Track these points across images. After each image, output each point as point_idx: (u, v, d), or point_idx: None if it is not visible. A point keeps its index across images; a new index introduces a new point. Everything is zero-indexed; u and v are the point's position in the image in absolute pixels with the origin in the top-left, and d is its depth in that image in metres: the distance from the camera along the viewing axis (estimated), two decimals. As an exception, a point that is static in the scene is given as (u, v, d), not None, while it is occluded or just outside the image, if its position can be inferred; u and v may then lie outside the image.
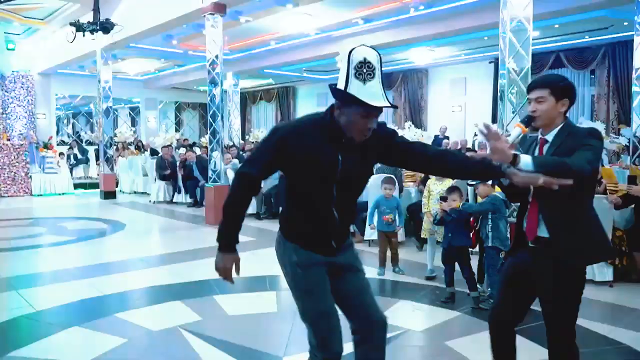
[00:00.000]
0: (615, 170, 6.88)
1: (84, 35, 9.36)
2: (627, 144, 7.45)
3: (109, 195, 12.36)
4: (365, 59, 1.87)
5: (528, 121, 2.26)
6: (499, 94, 5.51)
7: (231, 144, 14.28)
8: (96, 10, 9.35)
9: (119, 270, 5.64)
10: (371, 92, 1.87)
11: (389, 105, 1.91)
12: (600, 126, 6.88)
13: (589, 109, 12.27)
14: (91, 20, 9.23)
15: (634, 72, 7.07)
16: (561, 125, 2.27)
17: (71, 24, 9.34)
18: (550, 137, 2.28)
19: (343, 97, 1.91)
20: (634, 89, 7.09)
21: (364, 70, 1.87)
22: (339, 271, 2.15)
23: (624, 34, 10.25)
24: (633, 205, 4.93)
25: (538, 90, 2.27)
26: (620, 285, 4.82)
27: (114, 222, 8.85)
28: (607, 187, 5.46)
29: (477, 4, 8.95)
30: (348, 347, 2.17)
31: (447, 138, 12.99)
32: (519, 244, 2.39)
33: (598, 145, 2.17)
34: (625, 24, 9.42)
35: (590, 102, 12.32)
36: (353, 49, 1.90)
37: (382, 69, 1.93)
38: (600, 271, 4.78)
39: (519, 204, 2.41)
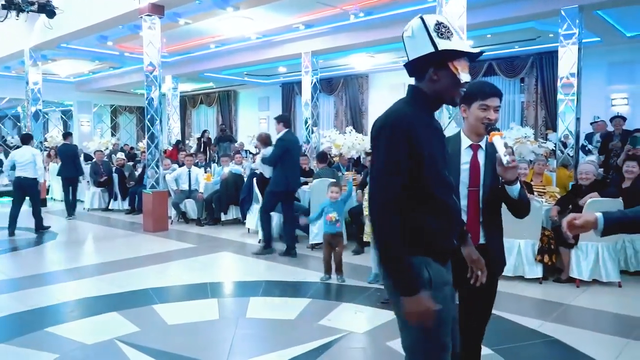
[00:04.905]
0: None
1: (17, 16, 8.51)
2: (554, 148, 7.88)
3: (39, 203, 11.68)
4: (437, 21, 1.82)
5: (491, 130, 2.18)
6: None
7: (170, 148, 13.93)
8: None
9: (49, 282, 5.36)
10: (462, 44, 1.82)
11: (479, 51, 1.85)
12: (529, 131, 7.23)
13: (519, 115, 12.90)
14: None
15: (559, 81, 7.53)
16: None
17: (3, 3, 8.43)
18: (482, 143, 2.32)
19: (438, 59, 1.80)
20: (559, 96, 7.54)
21: (443, 30, 1.81)
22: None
23: (550, 45, 10.86)
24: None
25: (497, 98, 2.24)
26: (549, 281, 5.10)
27: (44, 231, 8.40)
28: (535, 189, 5.75)
29: (414, 13, 9.18)
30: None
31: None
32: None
33: None
34: (551, 35, 10.00)
35: (520, 109, 12.96)
36: (421, 16, 1.84)
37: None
38: (530, 269, 5.04)
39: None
